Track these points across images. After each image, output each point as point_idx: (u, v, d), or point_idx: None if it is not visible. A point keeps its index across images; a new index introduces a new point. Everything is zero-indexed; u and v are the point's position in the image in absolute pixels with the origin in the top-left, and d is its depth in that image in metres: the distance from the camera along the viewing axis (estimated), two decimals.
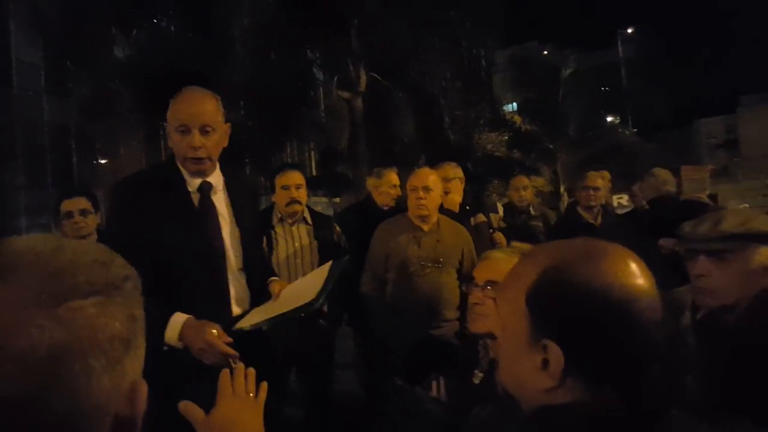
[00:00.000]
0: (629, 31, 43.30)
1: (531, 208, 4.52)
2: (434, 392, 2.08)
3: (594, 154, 20.12)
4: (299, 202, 3.39)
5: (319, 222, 3.53)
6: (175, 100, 2.07)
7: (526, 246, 2.20)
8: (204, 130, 2.04)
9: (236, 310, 2.10)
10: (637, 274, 0.82)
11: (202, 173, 2.09)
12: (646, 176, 4.77)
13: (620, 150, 20.54)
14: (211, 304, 1.99)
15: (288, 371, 3.41)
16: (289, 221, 3.41)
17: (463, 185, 4.05)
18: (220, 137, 2.11)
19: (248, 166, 12.17)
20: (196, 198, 2.09)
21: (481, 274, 2.13)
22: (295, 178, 3.40)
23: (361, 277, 3.33)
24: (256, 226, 2.36)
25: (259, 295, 2.18)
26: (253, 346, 1.94)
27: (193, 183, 2.09)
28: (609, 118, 23.44)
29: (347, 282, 3.41)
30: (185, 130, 2.03)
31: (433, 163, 4.32)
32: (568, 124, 20.91)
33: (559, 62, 21.71)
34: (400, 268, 3.20)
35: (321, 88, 13.69)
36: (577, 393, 0.82)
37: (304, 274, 3.34)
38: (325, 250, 3.43)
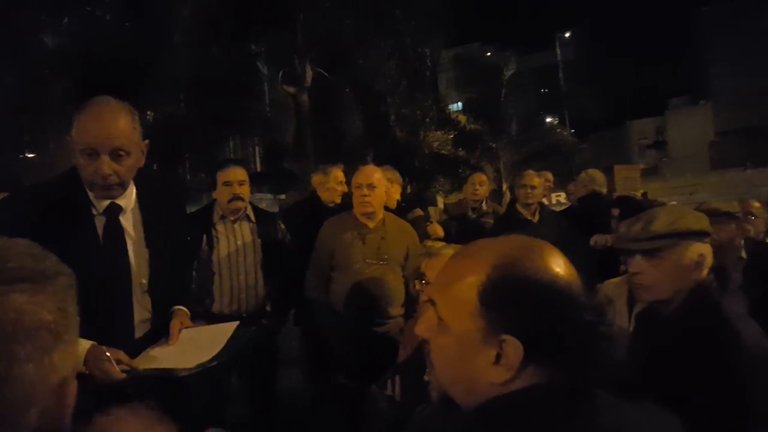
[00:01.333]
0: (567, 34, 44.79)
1: (483, 204, 4.62)
2: (389, 390, 2.10)
3: (534, 153, 20.74)
4: (242, 199, 3.31)
5: (262, 219, 3.46)
6: (81, 115, 1.78)
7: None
8: (116, 155, 1.79)
9: (139, 333, 1.97)
10: (567, 264, 0.90)
11: (111, 196, 1.88)
12: (581, 176, 5.03)
13: (558, 149, 21.27)
14: (113, 329, 1.85)
15: (230, 372, 3.35)
16: (231, 218, 3.34)
17: (399, 187, 4.17)
18: (135, 160, 1.87)
19: (188, 162, 11.84)
20: (100, 222, 1.90)
21: (431, 271, 2.15)
22: (238, 174, 3.32)
23: (306, 275, 3.31)
24: (173, 243, 2.10)
25: (163, 320, 2.01)
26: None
27: (100, 205, 1.88)
28: (548, 119, 24.17)
29: (293, 280, 3.40)
30: (92, 154, 1.76)
31: (381, 161, 4.38)
32: (509, 123, 21.46)
33: (501, 63, 22.22)
34: (344, 266, 3.21)
35: (266, 83, 13.44)
36: (527, 381, 0.86)
37: (246, 274, 3.31)
38: (270, 249, 3.39)
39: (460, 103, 24.09)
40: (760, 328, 1.66)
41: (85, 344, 1.72)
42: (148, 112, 12.18)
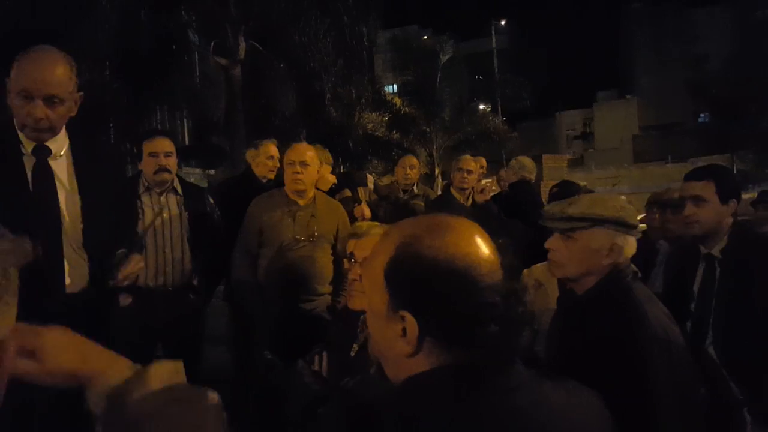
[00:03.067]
0: (502, 22, 45.64)
1: (414, 187, 4.67)
2: (316, 366, 2.11)
3: (466, 140, 21.09)
4: (168, 171, 3.22)
5: (190, 193, 3.39)
6: (21, 59, 1.88)
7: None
8: (50, 101, 1.88)
9: (71, 288, 1.98)
10: (476, 244, 0.91)
11: (41, 139, 1.95)
12: (512, 162, 5.18)
13: (489, 137, 21.73)
14: (42, 280, 1.82)
15: (153, 346, 3.27)
16: (157, 190, 3.23)
17: (330, 167, 4.15)
18: (67, 109, 1.95)
19: (112, 131, 11.28)
20: (30, 162, 1.95)
21: (360, 251, 2.17)
22: (164, 145, 3.22)
23: (233, 251, 3.27)
24: (108, 196, 2.13)
25: (100, 273, 2.05)
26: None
27: (29, 145, 1.95)
28: (481, 106, 24.60)
29: (221, 255, 3.34)
30: (28, 97, 1.86)
31: (314, 140, 4.34)
32: (443, 108, 21.67)
33: (437, 47, 22.31)
34: (273, 242, 3.19)
35: (196, 54, 12.93)
36: (434, 357, 0.90)
37: (173, 247, 3.24)
38: (197, 223, 3.32)
39: (395, 85, 24.13)
40: (667, 311, 1.77)
41: None
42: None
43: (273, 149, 3.97)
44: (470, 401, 0.87)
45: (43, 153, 1.97)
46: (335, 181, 4.12)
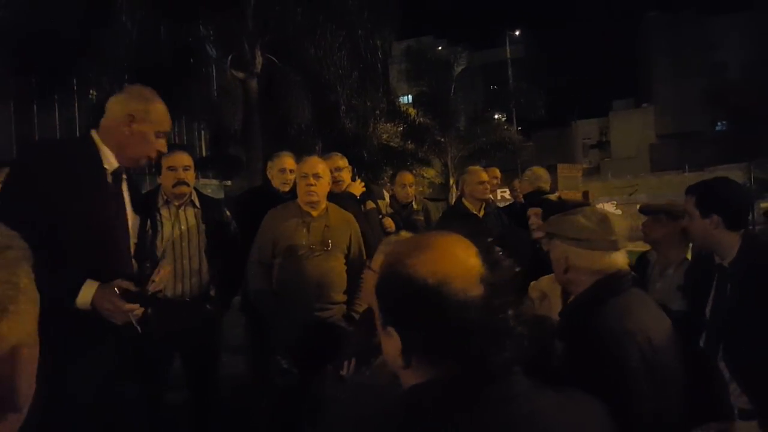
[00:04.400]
0: (516, 33, 45.60)
1: (414, 203, 4.71)
2: (345, 371, 2.15)
3: (481, 150, 21.06)
4: (187, 184, 3.32)
5: (207, 205, 3.47)
6: (154, 98, 2.23)
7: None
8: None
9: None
10: (453, 261, 0.94)
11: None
12: (526, 173, 5.18)
13: (504, 147, 21.66)
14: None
15: (171, 356, 3.33)
16: (176, 203, 3.33)
17: (350, 173, 4.24)
18: None
19: None
20: (110, 178, 2.16)
21: (376, 263, 2.23)
22: (183, 159, 3.33)
23: (248, 263, 3.33)
24: (140, 210, 2.40)
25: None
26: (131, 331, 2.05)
27: (111, 164, 2.16)
28: (496, 115, 24.55)
29: (238, 266, 3.40)
30: (162, 136, 2.25)
31: (330, 151, 4.39)
32: (458, 118, 21.66)
33: (452, 58, 22.34)
34: (288, 253, 3.25)
35: (214, 66, 13.12)
36: (422, 370, 0.95)
37: (191, 258, 3.32)
38: (214, 235, 3.39)
39: (410, 96, 24.19)
40: (665, 318, 1.84)
41: (92, 285, 1.97)
42: (91, 92, 11.73)
43: (287, 161, 4.01)
44: (463, 412, 0.90)
45: (119, 173, 2.21)
46: (363, 189, 4.17)
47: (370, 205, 4.17)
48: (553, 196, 4.62)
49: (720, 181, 2.55)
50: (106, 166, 2.14)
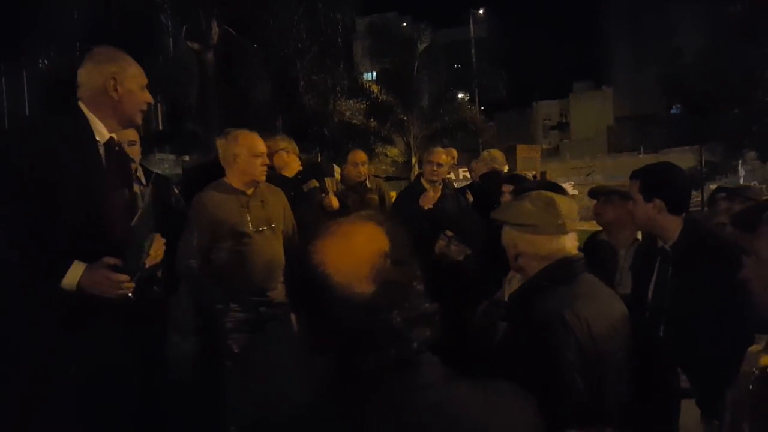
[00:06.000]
0: (480, 11, 45.54)
1: (367, 181, 4.67)
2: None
3: (443, 129, 21.09)
4: (132, 160, 3.18)
5: (155, 183, 3.34)
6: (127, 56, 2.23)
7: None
8: None
9: None
10: (347, 253, 0.92)
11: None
12: (483, 154, 5.26)
13: (466, 127, 21.75)
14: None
15: (118, 337, 3.23)
16: None
17: (296, 156, 4.19)
18: None
19: None
20: (102, 150, 2.17)
21: None
22: (128, 134, 3.17)
23: (182, 245, 3.18)
24: None
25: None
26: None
27: (103, 135, 2.16)
28: (459, 95, 24.57)
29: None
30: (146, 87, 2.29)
31: (289, 127, 4.32)
32: (421, 97, 21.60)
33: (415, 35, 22.14)
34: (233, 235, 3.15)
35: (168, 38, 12.65)
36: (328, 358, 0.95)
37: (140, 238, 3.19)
38: (162, 213, 3.27)
39: (374, 73, 23.96)
40: (616, 302, 1.90)
41: (78, 267, 1.93)
42: (40, 61, 11.21)
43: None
44: (365, 401, 0.91)
45: (113, 144, 2.26)
46: (300, 168, 4.11)
47: (313, 183, 4.12)
48: (533, 173, 4.67)
49: (663, 165, 2.60)
50: (98, 138, 2.13)
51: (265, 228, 3.22)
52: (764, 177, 20.65)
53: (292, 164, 4.07)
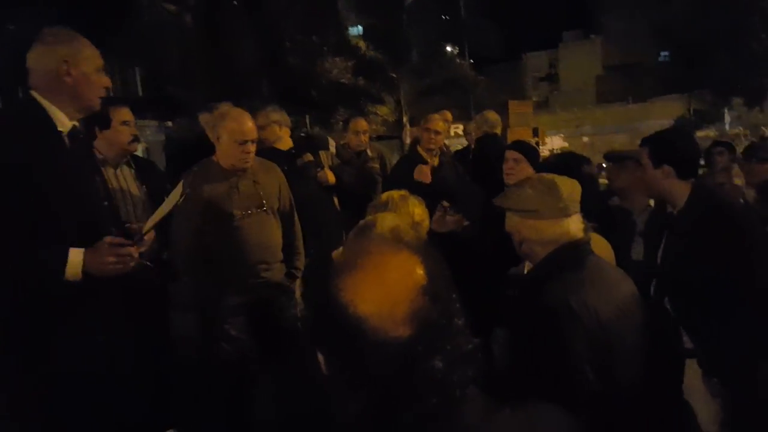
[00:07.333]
0: None
1: (368, 150, 4.54)
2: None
3: (433, 85, 20.72)
4: (139, 140, 3.15)
5: (141, 165, 3.27)
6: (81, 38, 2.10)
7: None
8: None
9: None
10: (380, 292, 0.80)
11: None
12: (478, 117, 5.14)
13: (457, 82, 21.37)
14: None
15: (124, 319, 3.16)
16: (112, 164, 3.08)
17: (288, 129, 4.04)
18: None
19: None
20: (67, 141, 2.06)
21: (337, 253, 2.11)
22: (130, 113, 3.13)
23: (173, 233, 3.05)
24: None
25: None
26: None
27: (65, 125, 2.04)
28: (448, 48, 24.04)
29: None
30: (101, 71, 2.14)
31: (275, 90, 4.14)
32: (410, 52, 21.10)
33: None
34: (221, 219, 3.02)
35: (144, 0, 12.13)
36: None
37: (137, 222, 3.07)
38: (155, 194, 3.18)
39: (360, 27, 23.24)
40: (623, 282, 1.88)
41: (77, 252, 1.89)
42: (9, 26, 10.78)
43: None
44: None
45: (77, 132, 2.12)
46: (292, 146, 3.96)
47: (308, 157, 3.97)
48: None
49: (673, 132, 2.68)
50: (60, 129, 1.99)
51: (256, 209, 3.09)
52: (750, 123, 20.62)
53: (285, 138, 3.91)
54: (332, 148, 4.54)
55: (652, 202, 3.06)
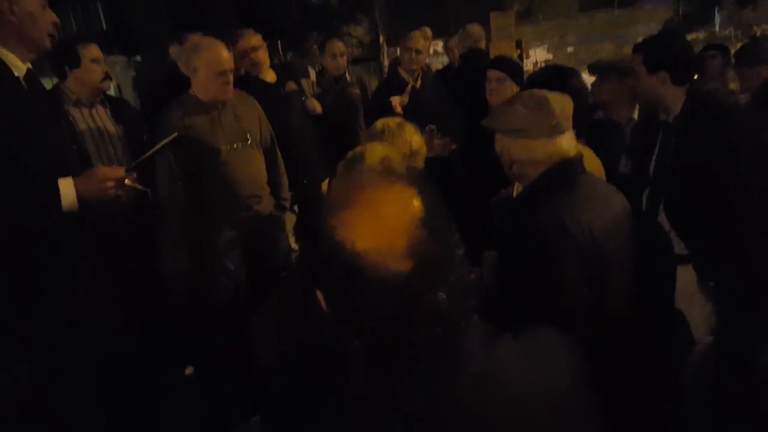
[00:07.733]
0: None
1: (347, 74, 4.36)
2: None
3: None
4: (111, 78, 3.07)
5: (115, 104, 3.18)
6: None
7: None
8: None
9: None
10: (377, 226, 0.78)
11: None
12: (461, 32, 4.92)
13: None
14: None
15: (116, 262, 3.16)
16: (86, 104, 3.00)
17: (267, 52, 3.85)
18: None
19: None
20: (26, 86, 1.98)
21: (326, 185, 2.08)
22: (92, 51, 3.00)
23: (158, 174, 2.98)
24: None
25: None
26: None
27: (20, 68, 1.95)
28: None
29: None
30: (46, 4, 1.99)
31: (244, 16, 3.94)
32: None
33: None
34: (209, 153, 2.95)
35: None
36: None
37: (118, 163, 3.01)
38: (133, 135, 3.15)
39: None
40: (616, 198, 1.86)
41: (67, 182, 1.85)
42: None
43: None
44: (401, 383, 0.81)
45: (33, 75, 2.04)
46: (275, 79, 3.80)
47: (291, 86, 3.83)
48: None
49: (666, 35, 2.62)
50: (17, 73, 1.90)
51: (241, 142, 3.04)
52: (740, 21, 20.18)
53: (267, 62, 3.74)
54: (312, 77, 4.38)
55: (635, 115, 3.01)
